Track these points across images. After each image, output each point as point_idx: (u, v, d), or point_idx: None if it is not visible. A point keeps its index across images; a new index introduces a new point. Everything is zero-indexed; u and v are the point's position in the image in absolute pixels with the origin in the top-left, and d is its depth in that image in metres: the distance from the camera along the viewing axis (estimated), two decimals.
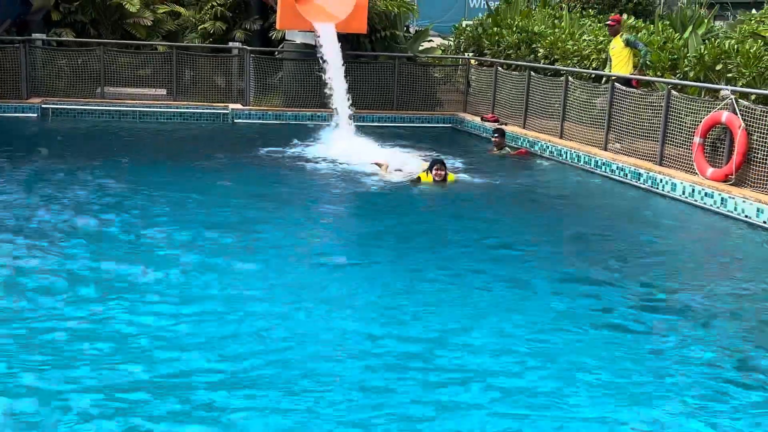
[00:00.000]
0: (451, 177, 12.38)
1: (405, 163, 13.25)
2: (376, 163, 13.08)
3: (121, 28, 19.77)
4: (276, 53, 19.47)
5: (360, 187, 12.06)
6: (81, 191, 10.59)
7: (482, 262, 8.35)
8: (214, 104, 18.54)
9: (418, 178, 12.26)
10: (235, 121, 18.23)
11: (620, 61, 14.67)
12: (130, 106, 18.04)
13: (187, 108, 18.30)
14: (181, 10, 20.93)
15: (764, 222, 10.40)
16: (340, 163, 13.56)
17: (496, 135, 15.65)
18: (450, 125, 19.38)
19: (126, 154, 13.62)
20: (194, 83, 18.96)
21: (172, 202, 10.31)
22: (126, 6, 19.28)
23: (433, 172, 12.09)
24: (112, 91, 18.50)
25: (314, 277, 7.64)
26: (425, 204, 11.50)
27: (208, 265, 7.65)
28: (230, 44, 19.59)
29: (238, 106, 18.59)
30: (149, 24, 19.86)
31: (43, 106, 17.54)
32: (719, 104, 11.79)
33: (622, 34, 14.79)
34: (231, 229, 9.04)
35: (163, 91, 18.79)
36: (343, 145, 15.13)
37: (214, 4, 20.06)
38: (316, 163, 13.68)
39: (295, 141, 15.39)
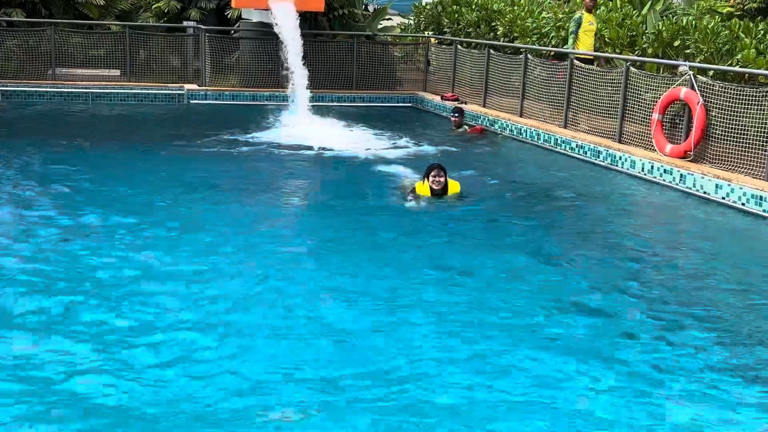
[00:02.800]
0: (455, 187, 9.74)
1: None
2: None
3: (73, 8, 19.33)
4: (232, 32, 19.15)
5: (320, 170, 11.86)
6: (28, 177, 10.28)
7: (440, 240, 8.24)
8: (169, 85, 18.18)
9: (414, 189, 9.75)
10: (191, 102, 17.90)
11: (594, 39, 14.48)
12: (82, 88, 17.62)
13: (141, 89, 17.92)
14: None
15: (723, 198, 10.39)
16: (299, 145, 13.30)
17: (455, 114, 15.64)
18: (410, 104, 19.24)
19: (77, 137, 13.25)
20: (149, 64, 18.60)
21: (116, 189, 9.80)
22: None
23: (430, 179, 9.52)
24: (65, 73, 18.07)
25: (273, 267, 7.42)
26: (386, 183, 11.11)
27: (155, 259, 7.24)
28: (185, 23, 19.26)
29: (194, 86, 18.24)
30: (102, 3, 19.43)
31: None
32: (678, 80, 11.76)
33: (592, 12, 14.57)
34: (181, 219, 8.61)
35: (117, 72, 18.40)
36: (302, 127, 14.93)
37: None
38: (274, 145, 13.40)
39: (253, 122, 15.12)
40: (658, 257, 8.10)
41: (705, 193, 10.68)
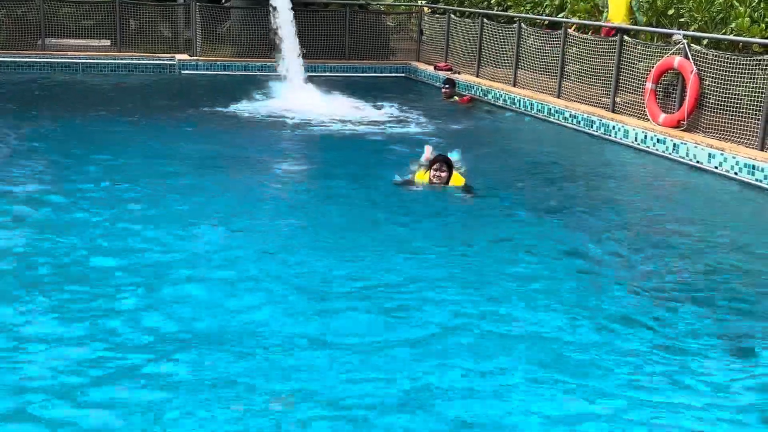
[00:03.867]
0: (458, 180, 9.02)
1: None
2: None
3: None
4: (223, 1, 18.97)
5: (313, 142, 11.76)
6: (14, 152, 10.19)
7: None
8: (159, 55, 18.04)
9: (412, 178, 9.24)
10: (182, 72, 17.76)
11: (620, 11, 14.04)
12: (72, 58, 17.47)
13: (132, 59, 17.77)
14: None
15: (715, 167, 10.36)
16: (291, 116, 13.20)
17: (446, 86, 15.61)
18: (403, 74, 19.13)
19: (66, 108, 13.17)
20: (139, 33, 18.43)
21: (108, 162, 9.68)
22: None
23: (432, 171, 8.94)
24: (54, 43, 17.90)
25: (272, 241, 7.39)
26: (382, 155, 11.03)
27: (150, 238, 7.10)
28: None
29: (185, 56, 18.10)
30: None
31: None
32: (671, 49, 11.68)
33: None
34: (169, 191, 8.52)
35: (107, 42, 18.23)
36: (294, 97, 14.82)
37: None
38: (266, 116, 13.29)
39: (245, 93, 14.99)
40: (654, 227, 8.09)
41: (698, 162, 10.65)
